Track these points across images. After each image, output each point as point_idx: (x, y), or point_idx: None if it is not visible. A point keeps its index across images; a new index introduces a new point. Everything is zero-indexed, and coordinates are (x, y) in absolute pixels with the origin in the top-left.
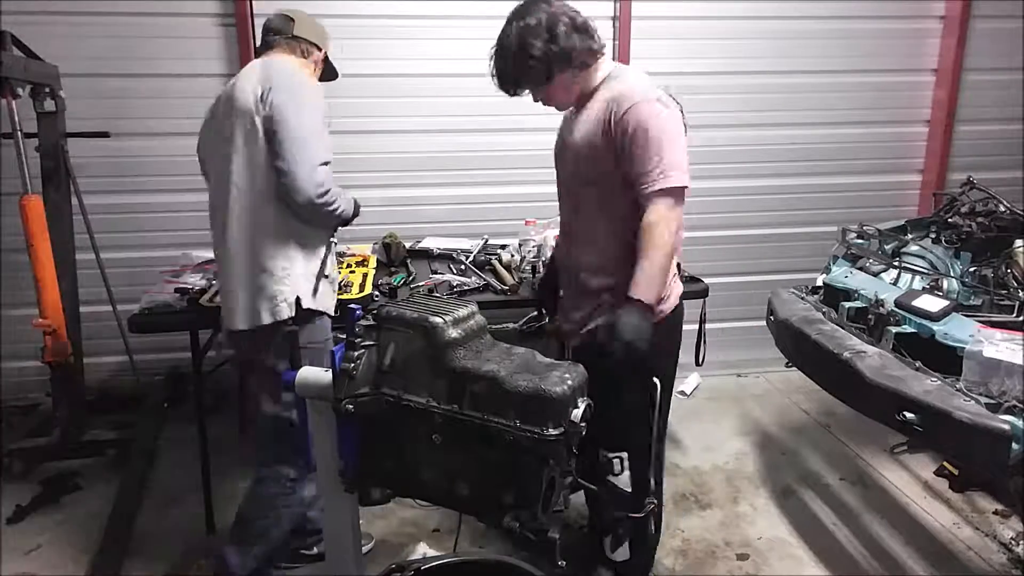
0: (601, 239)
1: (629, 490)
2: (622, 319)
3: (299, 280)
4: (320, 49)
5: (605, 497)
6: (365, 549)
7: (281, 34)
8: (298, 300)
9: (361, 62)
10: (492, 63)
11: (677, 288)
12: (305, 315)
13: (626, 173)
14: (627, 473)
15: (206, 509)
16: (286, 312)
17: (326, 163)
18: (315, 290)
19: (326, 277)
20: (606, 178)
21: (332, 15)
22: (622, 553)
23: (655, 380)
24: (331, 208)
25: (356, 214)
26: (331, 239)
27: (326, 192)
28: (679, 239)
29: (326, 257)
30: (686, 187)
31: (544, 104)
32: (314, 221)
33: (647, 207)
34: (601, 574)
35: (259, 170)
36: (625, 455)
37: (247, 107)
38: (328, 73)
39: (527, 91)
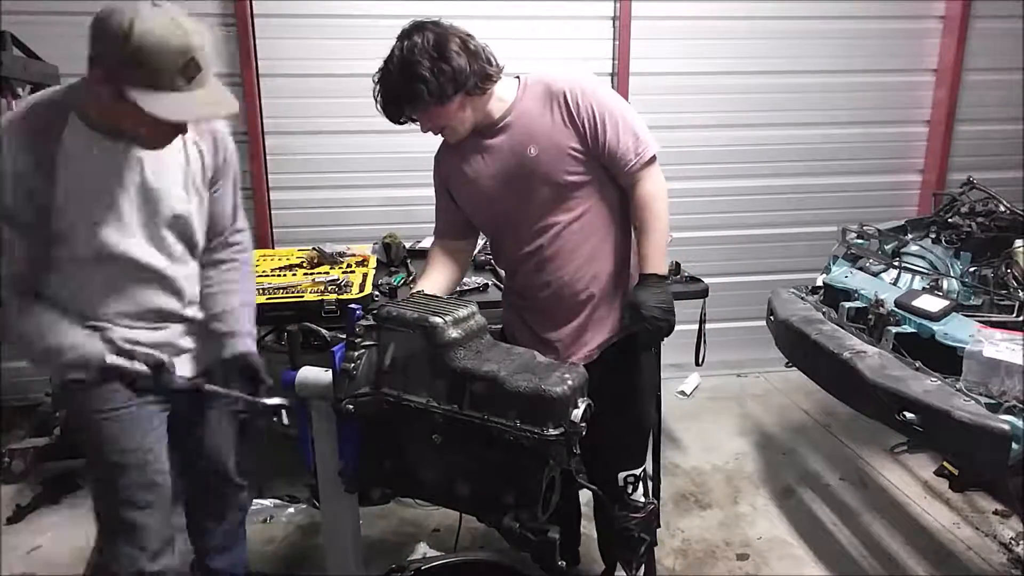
0: (595, 242)
1: (643, 501)
2: (650, 297)
3: None
4: None
5: (629, 519)
6: None
7: None
8: None
9: (361, 62)
10: (377, 87)
11: None
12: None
13: (601, 160)
14: (641, 487)
15: None
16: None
17: None
18: None
19: None
20: (590, 175)
21: (333, 15)
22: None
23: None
24: None
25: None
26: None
27: None
28: None
29: None
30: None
31: (435, 133)
32: None
33: (640, 180)
34: None
35: None
36: (640, 470)
37: None
38: None
39: (415, 117)
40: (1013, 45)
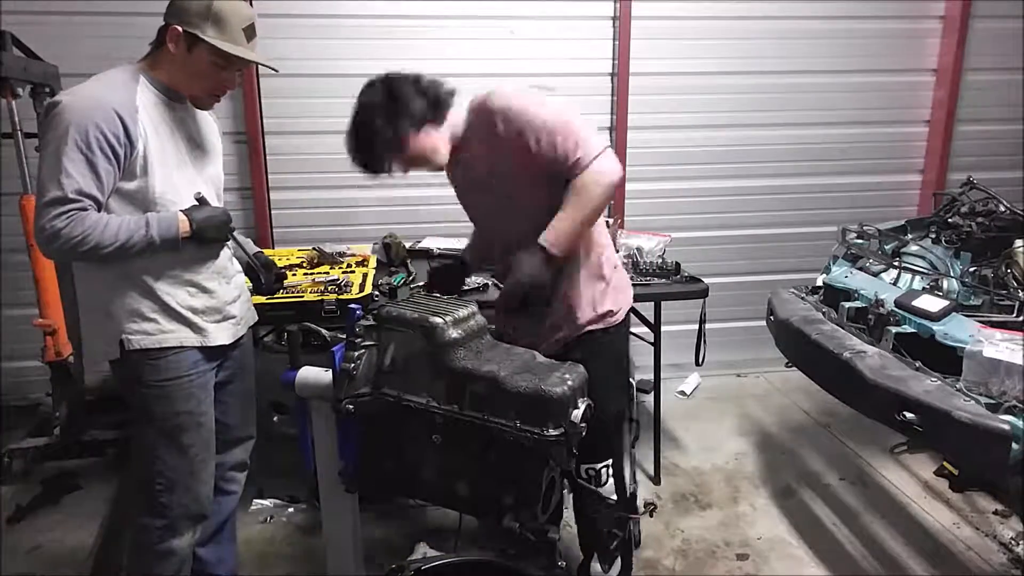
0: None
1: (615, 498)
2: (520, 260)
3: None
4: None
5: (597, 511)
6: None
7: None
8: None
9: (361, 62)
10: (352, 152)
11: (625, 296)
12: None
13: (551, 168)
14: (611, 482)
15: None
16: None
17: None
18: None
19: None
20: (543, 185)
21: (334, 15)
22: (615, 570)
23: (631, 381)
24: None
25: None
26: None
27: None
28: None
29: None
30: (608, 145)
31: (417, 169)
32: None
33: (580, 175)
34: None
35: None
36: (610, 463)
37: None
38: None
39: (394, 166)
40: (1013, 45)
